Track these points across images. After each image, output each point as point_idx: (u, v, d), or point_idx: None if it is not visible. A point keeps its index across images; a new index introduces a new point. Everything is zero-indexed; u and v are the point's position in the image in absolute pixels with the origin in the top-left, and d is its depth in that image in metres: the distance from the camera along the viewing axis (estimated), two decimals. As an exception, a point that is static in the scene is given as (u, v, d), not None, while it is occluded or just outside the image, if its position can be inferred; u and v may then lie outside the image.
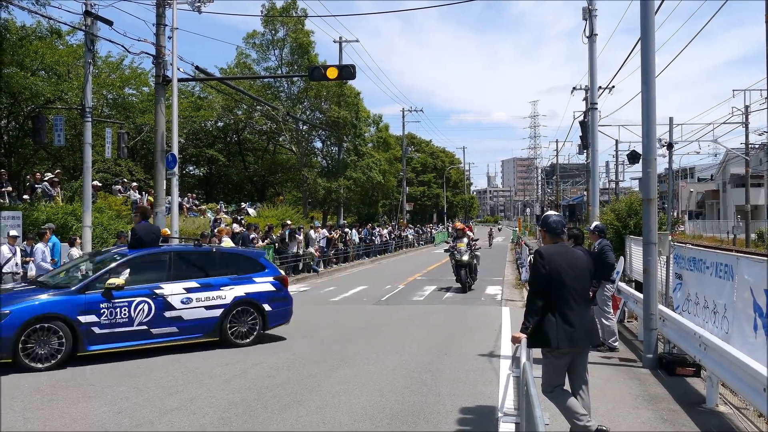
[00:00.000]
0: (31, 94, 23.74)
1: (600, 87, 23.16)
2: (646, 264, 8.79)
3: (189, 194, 28.83)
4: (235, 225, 20.98)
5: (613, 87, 26.97)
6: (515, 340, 5.21)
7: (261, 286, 10.18)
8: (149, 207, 12.55)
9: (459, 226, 19.42)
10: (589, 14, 17.24)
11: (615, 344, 9.33)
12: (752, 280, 6.58)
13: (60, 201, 18.90)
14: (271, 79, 36.79)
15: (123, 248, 10.11)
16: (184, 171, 38.57)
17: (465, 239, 18.11)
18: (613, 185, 55.82)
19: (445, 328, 11.76)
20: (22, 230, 14.38)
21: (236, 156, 41.94)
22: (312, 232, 24.82)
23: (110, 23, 15.49)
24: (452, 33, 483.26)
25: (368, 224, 38.73)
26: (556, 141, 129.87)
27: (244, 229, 19.88)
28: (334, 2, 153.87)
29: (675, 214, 49.70)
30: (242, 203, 31.41)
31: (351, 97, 37.84)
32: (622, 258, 11.53)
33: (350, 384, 7.44)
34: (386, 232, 38.96)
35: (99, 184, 21.82)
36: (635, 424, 6.04)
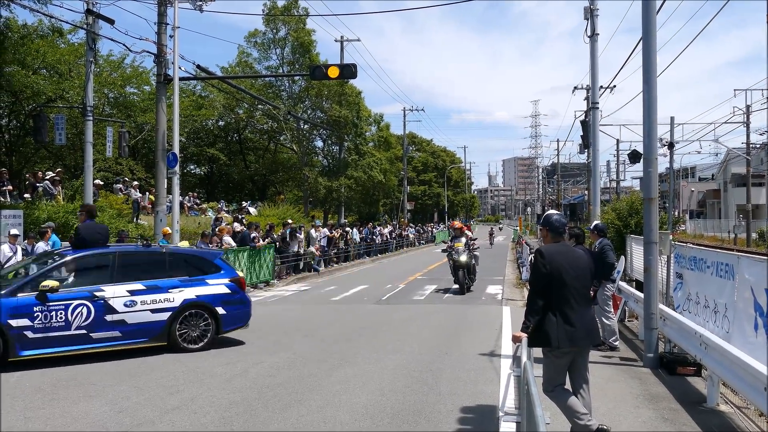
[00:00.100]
0: (33, 93, 23.79)
1: (601, 86, 23.10)
2: (647, 263, 8.79)
3: (190, 193, 28.90)
4: (236, 224, 21.00)
5: (615, 86, 26.93)
6: (516, 340, 5.22)
7: (214, 289, 9.70)
8: (94, 206, 12.14)
9: (457, 226, 18.82)
10: (591, 14, 17.21)
11: (616, 343, 9.34)
12: (753, 280, 6.58)
13: (61, 200, 18.93)
14: (273, 78, 36.79)
15: (67, 249, 9.70)
16: (185, 170, 38.62)
17: (463, 239, 17.66)
18: (614, 184, 55.88)
19: (446, 328, 11.76)
20: (23, 229, 14.40)
21: (237, 155, 41.96)
22: (313, 231, 24.84)
23: (112, 22, 15.52)
24: (454, 32, 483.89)
25: (369, 223, 38.73)
26: (557, 140, 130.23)
27: (245, 228, 19.88)
28: (336, 1, 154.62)
29: (676, 214, 49.72)
30: (243, 202, 31.45)
31: (352, 97, 37.83)
32: (623, 257, 11.53)
33: (351, 383, 7.44)
34: (387, 232, 38.95)
35: (101, 183, 21.86)
36: (636, 424, 6.04)
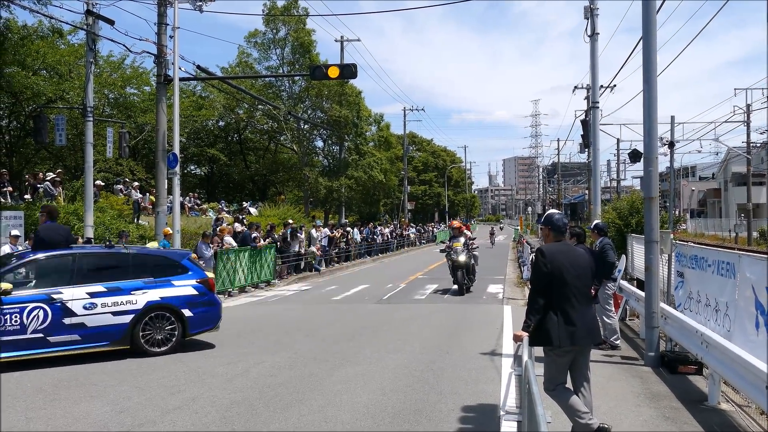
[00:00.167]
0: (33, 94, 23.81)
1: (601, 86, 23.10)
2: (648, 262, 8.79)
3: (190, 193, 28.90)
4: (237, 224, 21.01)
5: (615, 86, 26.90)
6: (517, 339, 5.22)
7: (181, 290, 9.42)
8: (55, 207, 11.99)
9: (456, 225, 18.44)
10: (591, 13, 17.21)
11: (617, 342, 9.33)
12: (754, 278, 6.58)
13: (62, 200, 18.94)
14: (273, 79, 36.78)
15: (27, 251, 9.55)
16: (186, 170, 38.62)
17: (462, 238, 17.28)
18: (615, 184, 55.86)
19: (447, 327, 11.76)
20: (24, 230, 14.41)
21: (237, 155, 41.96)
22: (314, 231, 24.85)
23: (112, 22, 15.52)
24: (454, 32, 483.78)
25: (370, 223, 38.76)
26: (558, 140, 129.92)
27: (246, 229, 19.89)
28: (336, 1, 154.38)
29: (677, 213, 49.72)
30: (244, 202, 31.45)
31: (352, 96, 37.81)
32: (624, 256, 11.53)
33: (352, 383, 7.44)
34: (388, 231, 38.97)
35: (102, 184, 21.87)
36: (637, 422, 6.03)
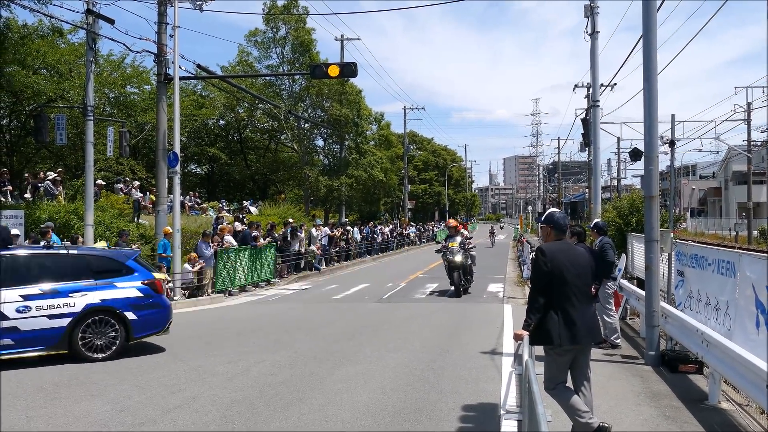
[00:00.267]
0: (33, 93, 23.79)
1: (602, 84, 23.08)
2: (648, 261, 8.79)
3: (191, 193, 28.89)
4: (237, 223, 21.01)
5: (615, 84, 26.99)
6: (517, 338, 5.22)
7: (124, 292, 9.01)
8: None
9: (452, 224, 18.04)
10: (591, 12, 17.20)
11: (617, 341, 9.34)
12: (754, 277, 6.58)
13: (62, 200, 18.93)
14: (273, 77, 36.77)
15: None
16: (186, 169, 38.59)
17: (458, 238, 16.81)
18: (615, 183, 55.83)
19: (447, 326, 11.77)
20: (24, 229, 14.41)
21: (238, 154, 41.94)
22: (314, 230, 24.86)
23: (112, 22, 15.51)
24: (455, 31, 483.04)
25: (370, 222, 38.78)
26: (558, 139, 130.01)
27: (246, 228, 19.90)
28: (336, 0, 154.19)
29: (677, 212, 49.71)
30: (244, 201, 31.44)
31: (352, 95, 37.81)
32: (624, 255, 11.53)
33: (352, 382, 7.44)
34: (388, 230, 38.98)
35: (102, 183, 21.87)
36: (637, 421, 6.04)
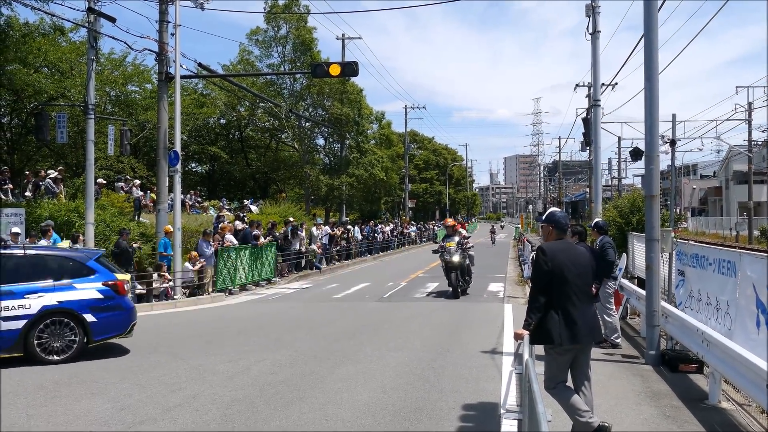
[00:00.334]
0: (34, 91, 23.83)
1: (603, 84, 23.02)
2: (649, 261, 8.78)
3: (192, 191, 28.88)
4: (238, 222, 21.01)
5: (616, 84, 26.99)
6: (518, 337, 5.22)
7: (83, 293, 8.76)
8: None
9: (450, 223, 17.60)
10: (593, 11, 17.18)
11: (617, 341, 9.33)
12: (755, 277, 6.58)
13: (63, 198, 18.94)
14: (274, 76, 36.77)
15: None
16: (187, 168, 38.60)
17: (456, 237, 16.43)
18: (616, 182, 55.77)
19: (448, 325, 11.77)
20: (25, 227, 14.42)
21: (239, 153, 41.93)
22: (314, 229, 24.88)
23: (113, 20, 15.50)
24: (456, 30, 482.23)
25: (371, 221, 38.77)
26: (559, 138, 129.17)
27: (247, 226, 19.91)
28: (337, 0, 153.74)
29: (678, 211, 49.66)
30: (245, 200, 31.43)
31: (353, 94, 37.79)
32: (625, 254, 11.53)
33: (353, 381, 7.45)
34: (389, 229, 38.97)
35: (103, 181, 21.87)
36: (638, 421, 6.04)
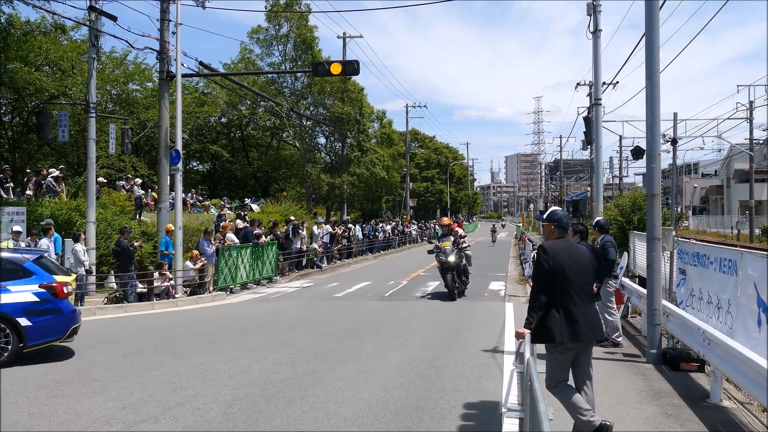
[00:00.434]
0: (36, 90, 23.85)
1: (604, 83, 23.07)
2: (650, 259, 8.78)
3: (193, 190, 28.89)
4: (239, 221, 21.02)
5: (617, 83, 27.08)
6: (519, 336, 5.22)
7: (17, 297, 8.35)
8: None
9: (445, 222, 17.05)
10: (594, 10, 17.19)
11: (618, 340, 9.32)
12: (756, 275, 6.58)
13: (64, 197, 18.95)
14: (275, 75, 36.75)
15: None
16: (188, 167, 38.62)
17: (452, 237, 15.95)
18: (617, 181, 55.72)
19: (449, 324, 11.77)
20: (26, 226, 14.43)
21: (240, 152, 41.95)
22: (315, 228, 24.88)
23: (114, 18, 15.52)
24: (457, 29, 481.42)
25: (372, 220, 38.77)
26: (560, 137, 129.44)
27: (248, 225, 19.92)
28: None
29: (679, 210, 49.62)
30: (246, 199, 31.45)
31: (354, 93, 37.77)
32: (626, 253, 11.53)
33: (354, 380, 7.45)
34: (390, 228, 38.96)
35: (104, 180, 21.89)
36: (639, 420, 6.03)
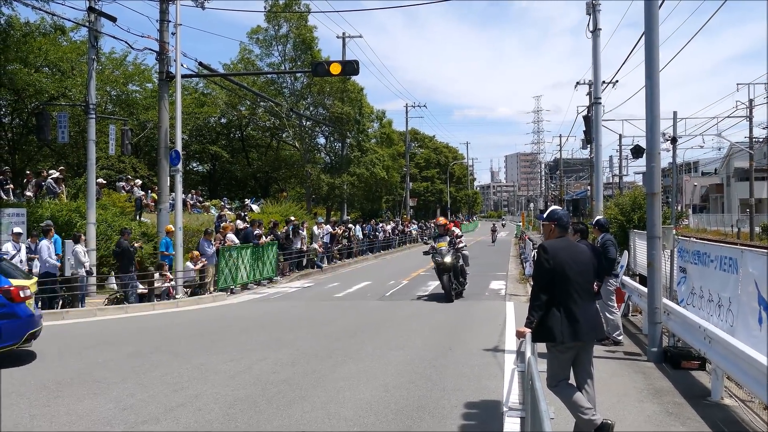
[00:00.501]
0: (35, 91, 23.84)
1: (604, 82, 23.02)
2: (651, 258, 8.78)
3: (193, 191, 28.89)
4: (239, 221, 21.02)
5: (617, 82, 27.13)
6: (520, 335, 5.22)
7: None
8: None
9: (441, 222, 16.70)
10: (593, 9, 17.17)
11: (619, 338, 9.33)
12: (757, 273, 6.58)
13: (64, 198, 18.96)
14: (275, 75, 36.75)
15: None
16: (188, 167, 38.63)
17: (448, 237, 15.53)
18: (617, 180, 55.71)
19: (450, 324, 11.76)
20: (27, 227, 14.43)
21: (240, 152, 41.96)
22: (316, 228, 24.88)
23: (114, 19, 15.51)
24: (456, 28, 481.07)
25: (372, 220, 38.77)
26: (560, 136, 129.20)
27: (248, 226, 19.92)
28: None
29: (679, 208, 49.54)
30: (246, 199, 31.46)
31: (354, 93, 37.78)
32: (626, 252, 11.53)
33: (355, 379, 7.44)
34: (390, 228, 38.96)
35: (104, 181, 21.89)
36: (640, 418, 6.03)
